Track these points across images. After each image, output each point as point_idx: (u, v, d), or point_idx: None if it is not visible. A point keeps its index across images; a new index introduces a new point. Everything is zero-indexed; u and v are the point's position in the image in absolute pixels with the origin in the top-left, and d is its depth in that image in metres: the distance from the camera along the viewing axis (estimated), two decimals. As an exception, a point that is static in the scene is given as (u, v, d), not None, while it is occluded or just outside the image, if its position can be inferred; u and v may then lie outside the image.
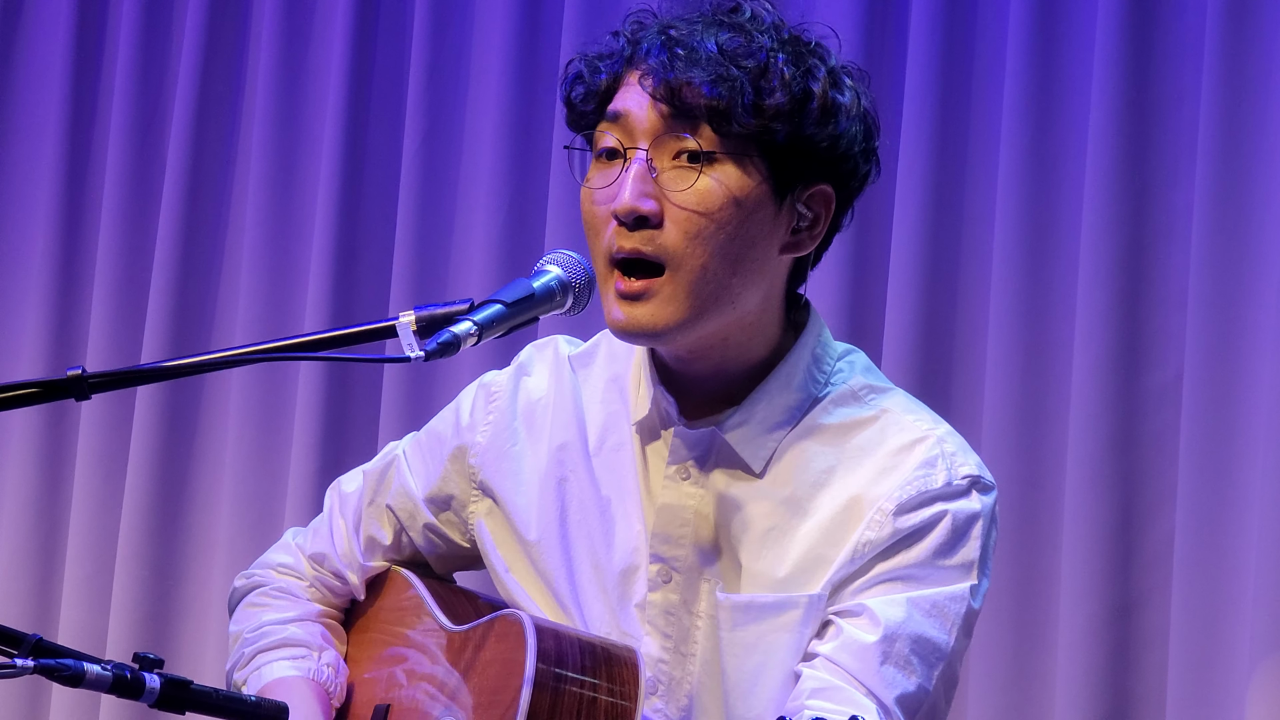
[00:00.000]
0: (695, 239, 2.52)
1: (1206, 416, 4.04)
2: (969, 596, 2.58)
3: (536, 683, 2.48)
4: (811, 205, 2.61)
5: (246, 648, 2.84)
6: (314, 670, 2.80)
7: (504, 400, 2.79)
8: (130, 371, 2.36)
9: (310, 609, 2.88)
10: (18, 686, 4.91)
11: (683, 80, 2.51)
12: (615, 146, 2.55)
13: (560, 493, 2.72)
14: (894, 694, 2.52)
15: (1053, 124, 4.25)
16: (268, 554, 2.95)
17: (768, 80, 2.52)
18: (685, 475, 2.65)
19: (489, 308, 2.40)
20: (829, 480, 2.61)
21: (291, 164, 4.91)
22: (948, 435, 2.63)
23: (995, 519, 2.63)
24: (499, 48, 4.71)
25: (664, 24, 2.58)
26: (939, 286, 4.30)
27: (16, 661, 2.26)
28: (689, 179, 2.52)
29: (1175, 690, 4.01)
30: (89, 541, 4.94)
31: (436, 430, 2.84)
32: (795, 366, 2.64)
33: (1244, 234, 4.06)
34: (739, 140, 2.52)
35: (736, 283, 2.55)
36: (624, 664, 2.55)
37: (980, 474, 2.62)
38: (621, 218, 2.51)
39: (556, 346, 2.80)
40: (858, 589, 2.57)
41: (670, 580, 2.64)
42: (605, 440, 2.71)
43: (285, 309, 4.86)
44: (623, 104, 2.56)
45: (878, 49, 4.41)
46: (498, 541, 2.76)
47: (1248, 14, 4.09)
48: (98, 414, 4.96)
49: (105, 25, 5.12)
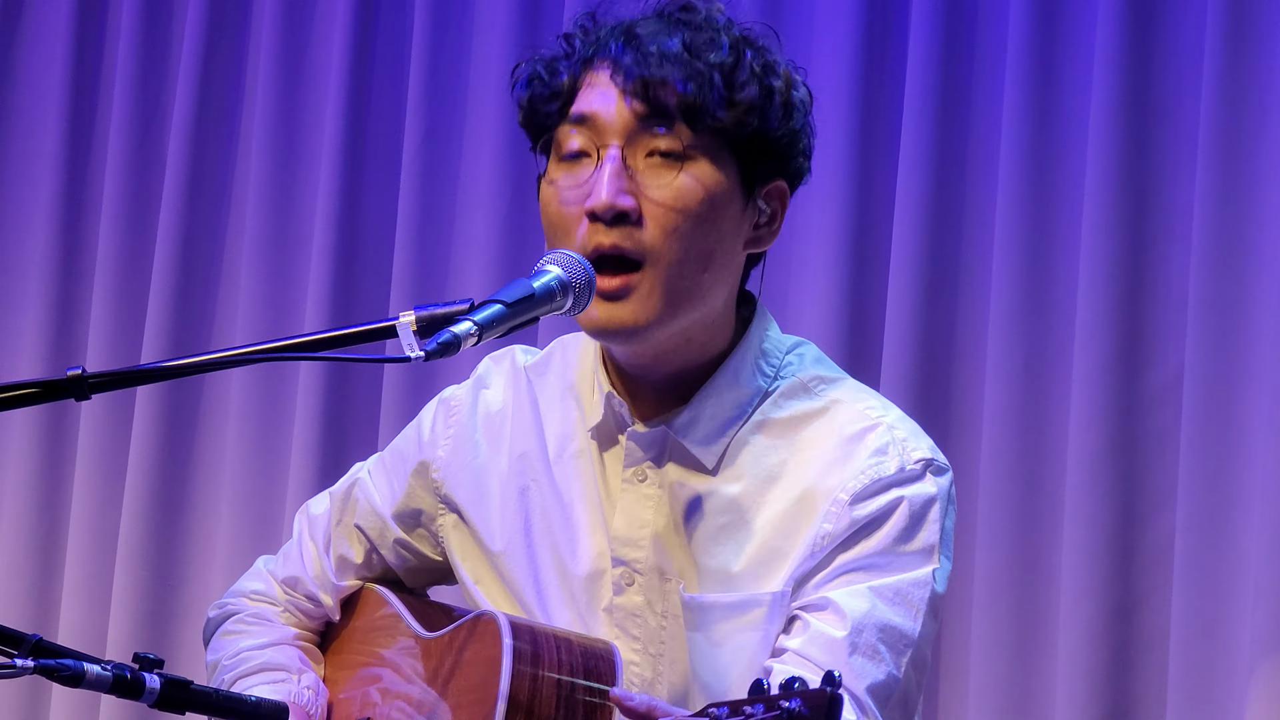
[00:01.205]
0: (673, 235, 2.53)
1: (1206, 416, 4.04)
2: (932, 580, 2.58)
3: (514, 679, 2.49)
4: (769, 201, 2.63)
5: (226, 674, 2.85)
6: (295, 693, 2.80)
7: (464, 414, 2.80)
8: (130, 371, 2.37)
9: (286, 633, 2.89)
10: (18, 686, 4.91)
11: (656, 77, 2.52)
12: (584, 148, 2.56)
13: (523, 502, 2.73)
14: (864, 684, 2.53)
15: (1053, 124, 4.24)
16: (240, 582, 2.96)
17: (738, 73, 2.54)
18: (642, 477, 2.66)
19: (489, 308, 2.40)
20: (781, 473, 2.62)
21: (291, 164, 4.91)
22: (898, 421, 2.64)
23: (952, 499, 2.63)
24: (499, 48, 4.71)
25: (625, 25, 2.58)
26: (939, 287, 4.30)
27: (16, 661, 2.26)
28: (667, 176, 2.53)
29: (1175, 690, 4.01)
30: (89, 541, 4.94)
31: (399, 448, 2.85)
32: (742, 361, 2.65)
33: (1244, 234, 4.06)
34: (712, 136, 2.54)
35: (707, 279, 2.57)
36: (600, 658, 2.55)
37: (934, 456, 2.62)
38: (600, 214, 2.52)
39: (513, 357, 2.82)
40: (820, 582, 2.57)
41: (634, 583, 2.65)
42: (565, 448, 2.72)
43: (285, 309, 4.86)
44: (588, 105, 2.56)
45: (878, 49, 4.41)
46: (464, 554, 2.77)
47: (1248, 14, 4.08)
48: (98, 414, 4.95)
49: (105, 25, 5.11)
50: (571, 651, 2.54)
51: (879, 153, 4.38)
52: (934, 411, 4.19)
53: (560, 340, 2.79)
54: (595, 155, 2.55)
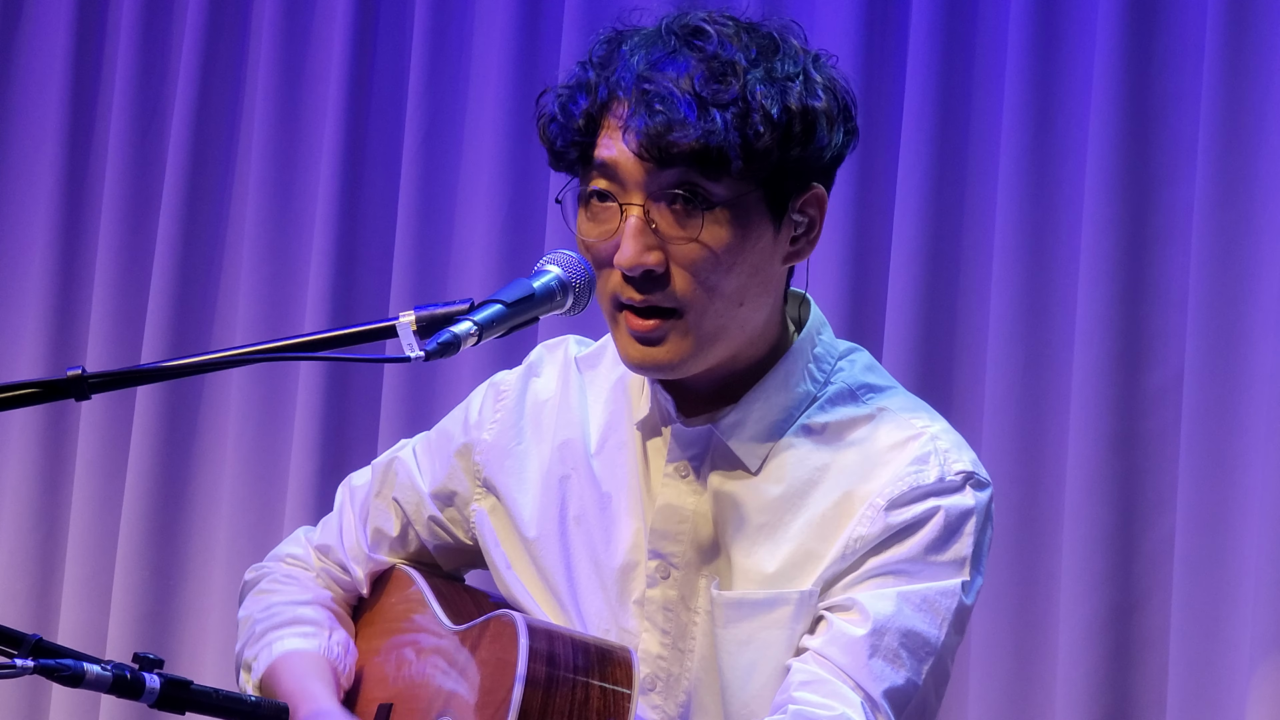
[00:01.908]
0: (703, 285, 2.53)
1: (1206, 416, 4.04)
2: (961, 592, 2.57)
3: (528, 682, 2.49)
4: (806, 210, 2.60)
5: (257, 625, 2.85)
6: (325, 647, 2.81)
7: (512, 399, 2.80)
8: (130, 371, 2.36)
9: (321, 594, 2.90)
10: (18, 686, 4.91)
11: (668, 139, 2.49)
12: (607, 190, 2.55)
13: (561, 490, 2.73)
14: (881, 687, 2.52)
15: (1053, 124, 4.24)
16: (279, 547, 2.98)
17: (750, 119, 2.49)
18: (684, 473, 2.65)
19: (489, 308, 2.40)
20: (822, 478, 2.61)
21: (291, 164, 4.91)
22: (943, 432, 2.63)
23: (990, 516, 2.63)
24: (499, 48, 4.71)
25: (634, 65, 2.54)
26: (939, 286, 4.30)
27: (16, 661, 2.26)
28: (691, 228, 2.52)
29: (1175, 690, 4.01)
30: (89, 541, 4.94)
31: (446, 428, 2.86)
32: (794, 366, 2.65)
33: (1244, 234, 4.06)
34: (733, 183, 2.52)
35: (745, 311, 2.57)
36: (618, 663, 2.55)
37: (975, 470, 2.62)
38: (628, 273, 2.52)
39: (567, 347, 2.82)
40: (849, 583, 2.57)
41: (669, 576, 2.65)
42: (607, 440, 2.72)
43: (285, 309, 4.86)
44: (608, 152, 2.54)
45: (878, 49, 4.41)
46: (500, 538, 2.77)
47: (1248, 14, 4.09)
48: (98, 414, 4.95)
49: (105, 25, 5.11)
50: (588, 655, 2.54)
51: (879, 153, 4.38)
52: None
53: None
54: (619, 205, 2.54)
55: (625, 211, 2.53)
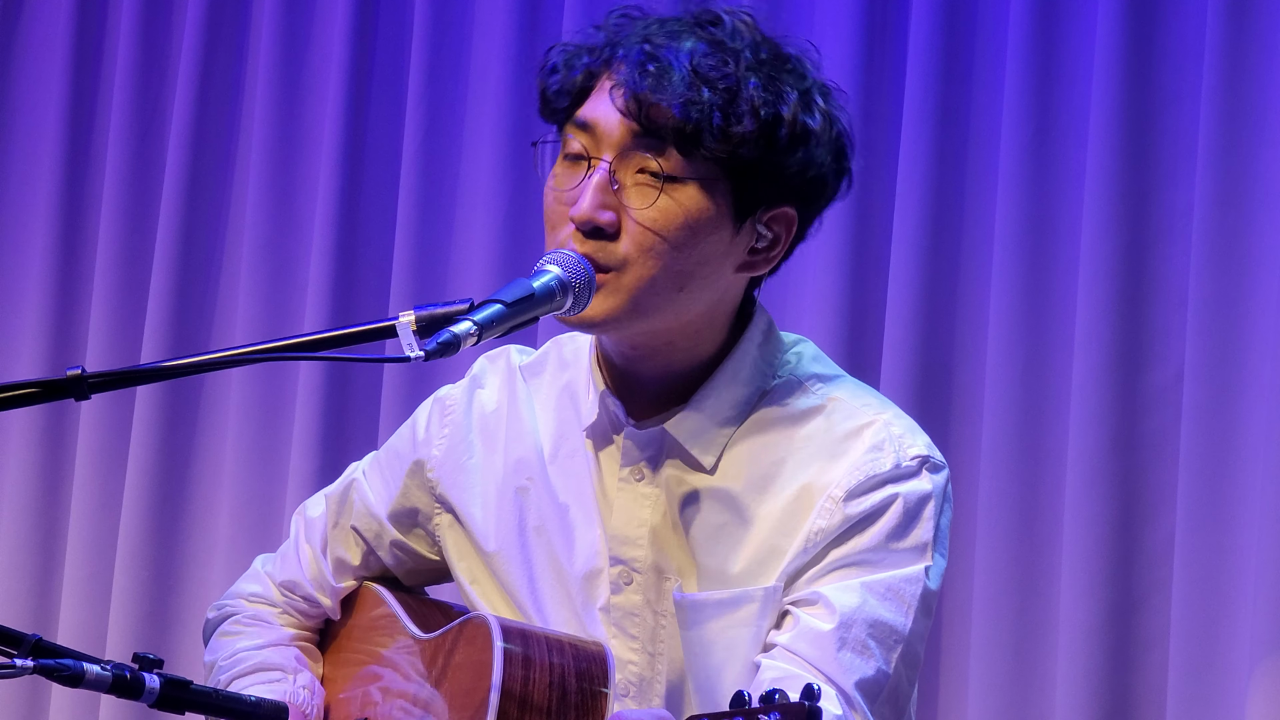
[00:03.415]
0: (647, 253, 2.53)
1: (1206, 416, 4.04)
2: (924, 577, 2.59)
3: (505, 682, 2.49)
4: (772, 226, 2.61)
5: (222, 675, 2.86)
6: (290, 693, 2.81)
7: (459, 413, 2.80)
8: (130, 371, 2.37)
9: (283, 634, 2.90)
10: (18, 686, 4.91)
11: (652, 100, 2.52)
12: (581, 152, 2.57)
13: (518, 502, 2.73)
14: (853, 679, 2.53)
15: (1053, 124, 4.24)
16: (238, 584, 2.97)
17: (736, 106, 2.52)
18: (639, 476, 2.66)
19: (489, 307, 2.40)
20: (779, 472, 2.62)
21: (291, 164, 4.91)
22: (895, 418, 2.64)
23: (949, 497, 2.64)
24: (499, 48, 4.71)
25: (644, 31, 2.58)
26: (939, 286, 4.30)
27: (16, 661, 2.26)
28: (649, 197, 2.53)
29: (1175, 690, 4.01)
30: (89, 541, 4.94)
31: (394, 447, 2.86)
32: (742, 361, 2.65)
33: (1244, 234, 4.06)
34: (704, 164, 2.53)
35: (682, 297, 2.57)
36: (593, 659, 2.56)
37: (929, 453, 2.62)
38: (579, 225, 2.53)
39: (508, 357, 2.82)
40: (812, 577, 2.58)
41: (632, 582, 2.65)
42: (560, 448, 2.72)
43: (285, 309, 4.86)
44: (593, 112, 2.57)
45: (878, 49, 4.41)
46: (459, 554, 2.77)
47: (1248, 14, 4.08)
48: (98, 414, 4.95)
49: (105, 25, 5.11)
50: (564, 653, 2.54)
51: (879, 153, 4.38)
52: (934, 411, 4.19)
53: (555, 340, 2.79)
54: (589, 163, 2.55)
55: (592, 165, 2.55)
